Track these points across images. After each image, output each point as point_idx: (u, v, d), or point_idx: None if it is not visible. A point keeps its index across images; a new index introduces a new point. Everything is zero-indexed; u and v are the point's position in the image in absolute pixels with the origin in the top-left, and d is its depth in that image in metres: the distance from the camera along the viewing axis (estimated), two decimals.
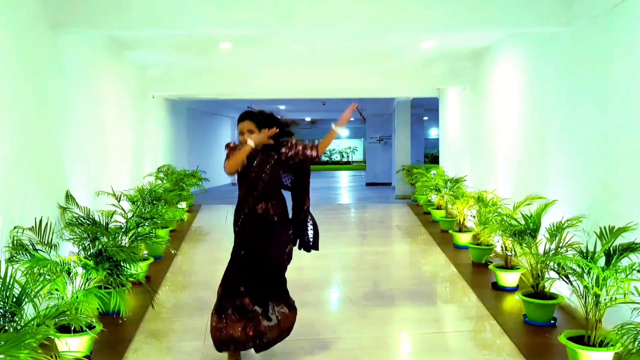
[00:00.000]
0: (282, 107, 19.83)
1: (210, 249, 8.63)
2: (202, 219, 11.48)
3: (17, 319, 3.07)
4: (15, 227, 4.15)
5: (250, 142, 3.86)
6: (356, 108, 4.46)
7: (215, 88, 10.88)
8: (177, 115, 14.25)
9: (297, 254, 4.25)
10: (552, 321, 4.84)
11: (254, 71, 10.24)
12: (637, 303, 3.38)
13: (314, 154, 4.09)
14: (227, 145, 4.09)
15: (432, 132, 28.48)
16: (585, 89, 5.03)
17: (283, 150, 4.06)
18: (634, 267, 3.60)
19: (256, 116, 4.01)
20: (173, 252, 7.47)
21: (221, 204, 14.09)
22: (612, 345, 3.22)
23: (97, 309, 3.94)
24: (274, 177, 4.05)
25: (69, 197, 5.45)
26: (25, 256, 3.94)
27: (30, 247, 4.09)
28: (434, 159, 22.62)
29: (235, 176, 4.06)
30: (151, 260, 6.50)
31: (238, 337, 3.88)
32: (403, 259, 8.25)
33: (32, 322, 2.99)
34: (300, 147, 4.07)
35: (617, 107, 4.45)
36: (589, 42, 4.99)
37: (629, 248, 3.82)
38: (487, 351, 4.41)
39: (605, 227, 4.07)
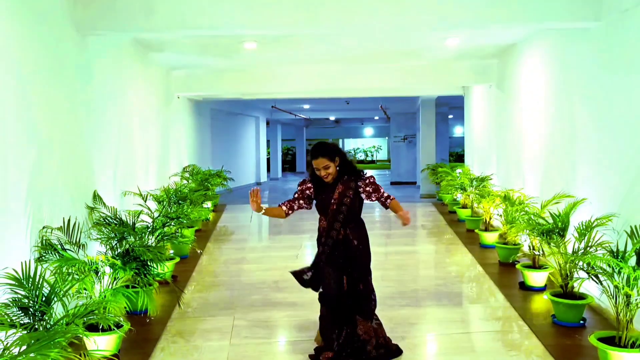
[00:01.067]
0: (306, 106, 19.86)
1: (236, 248, 8.68)
2: (227, 218, 11.56)
3: (46, 318, 3.13)
4: (44, 227, 4.22)
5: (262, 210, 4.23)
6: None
7: (239, 88, 10.95)
8: (201, 115, 14.37)
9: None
10: (581, 322, 4.75)
11: (277, 71, 10.27)
12: None
13: (387, 202, 4.20)
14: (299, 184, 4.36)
15: (457, 131, 28.22)
16: (617, 84, 4.93)
17: (363, 187, 4.15)
18: None
19: (329, 151, 4.09)
20: (199, 251, 7.53)
21: (246, 204, 14.16)
22: None
23: (125, 308, 3.99)
24: (354, 206, 4.15)
25: (96, 197, 5.53)
26: (54, 256, 4.00)
27: (59, 246, 4.16)
28: (458, 158, 22.43)
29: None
30: (177, 259, 6.56)
31: None
32: (428, 258, 8.19)
33: (62, 321, 3.03)
34: (382, 192, 4.18)
35: None
36: (620, 36, 4.88)
37: None
38: (516, 352, 4.34)
39: (636, 226, 3.98)
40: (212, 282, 6.58)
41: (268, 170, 24.27)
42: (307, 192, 4.26)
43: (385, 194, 4.18)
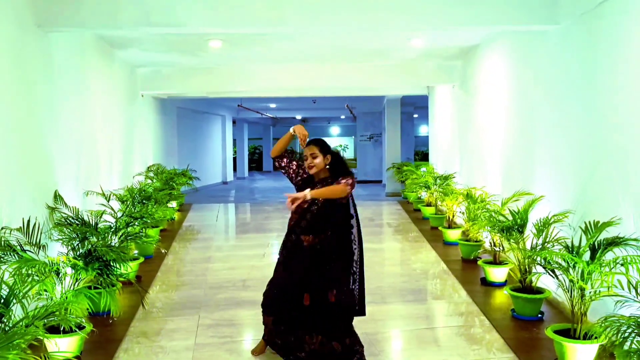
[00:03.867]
0: (272, 105, 19.83)
1: (202, 248, 8.63)
2: (193, 218, 11.47)
3: (5, 320, 3.07)
4: (2, 228, 4.14)
5: (292, 131, 4.03)
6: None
7: (205, 86, 10.87)
8: (166, 114, 14.22)
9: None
10: (539, 315, 4.90)
11: (244, 69, 10.25)
12: (621, 296, 3.43)
13: (340, 181, 3.87)
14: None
15: (422, 130, 28.56)
16: (572, 86, 5.08)
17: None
18: (617, 261, 3.64)
19: (322, 144, 4.04)
20: (163, 251, 7.47)
21: (212, 203, 14.08)
22: (596, 337, 3.27)
23: (87, 309, 3.94)
24: (323, 212, 3.95)
25: (57, 197, 5.44)
26: (13, 257, 3.92)
27: (19, 247, 4.08)
28: (424, 157, 22.70)
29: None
30: (142, 259, 6.50)
31: None
32: (394, 256, 8.29)
33: (21, 323, 2.98)
34: (344, 180, 3.87)
35: (603, 105, 4.50)
36: (575, 40, 5.04)
37: (613, 242, 3.88)
38: (477, 346, 4.45)
39: (590, 222, 4.12)
40: (177, 282, 6.54)
41: (234, 169, 24.14)
42: (299, 175, 4.14)
43: (344, 180, 3.83)
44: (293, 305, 3.92)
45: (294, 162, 4.18)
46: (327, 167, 4.03)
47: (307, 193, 3.65)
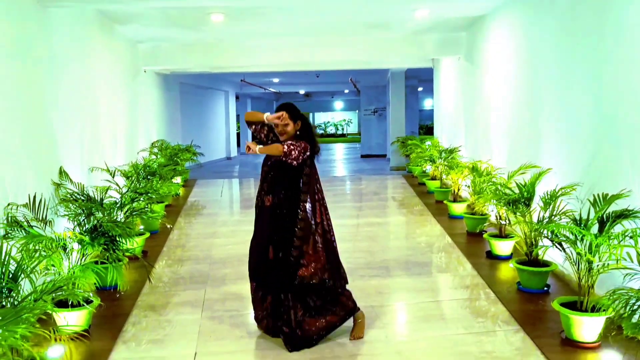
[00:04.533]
0: (275, 80, 19.69)
1: (206, 223, 8.65)
2: (197, 193, 11.48)
3: (14, 295, 3.09)
4: (9, 204, 4.14)
5: (265, 119, 4.06)
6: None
7: (208, 61, 10.77)
8: (170, 89, 14.14)
9: None
10: (545, 288, 4.90)
11: (246, 44, 10.15)
12: (629, 269, 3.42)
13: (282, 146, 3.92)
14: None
15: (427, 104, 28.40)
16: (581, 55, 5.00)
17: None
18: (626, 234, 3.62)
19: (292, 109, 4.05)
20: (169, 226, 7.49)
21: (216, 178, 14.09)
22: (604, 310, 3.26)
23: (95, 284, 3.96)
24: (282, 171, 4.03)
25: (62, 173, 5.43)
26: (21, 233, 3.94)
27: (25, 223, 4.09)
28: (428, 131, 22.62)
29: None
30: (147, 235, 6.52)
31: None
32: (398, 230, 8.30)
33: (29, 298, 3.00)
34: (291, 146, 3.94)
35: (612, 74, 4.43)
36: (585, 7, 4.94)
37: (622, 215, 3.85)
38: (482, 318, 4.46)
39: (598, 195, 4.09)
40: (183, 257, 6.56)
41: (238, 144, 24.10)
42: (268, 134, 4.16)
43: (286, 146, 3.87)
44: (261, 260, 4.02)
45: (265, 127, 4.17)
46: (297, 132, 4.05)
47: (257, 148, 3.86)
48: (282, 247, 3.94)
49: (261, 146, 3.91)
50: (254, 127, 4.19)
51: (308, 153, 3.98)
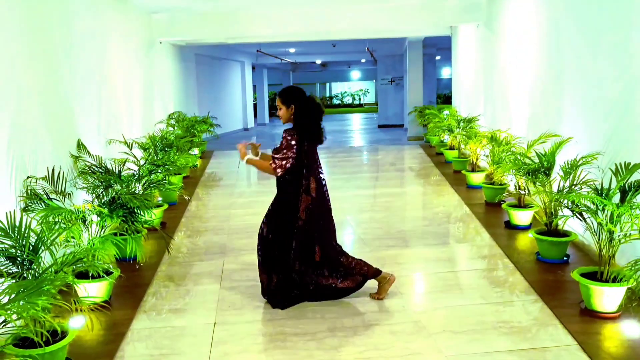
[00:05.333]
0: (292, 50, 19.53)
1: (224, 194, 8.69)
2: (214, 164, 11.53)
3: (35, 267, 3.13)
4: (28, 177, 4.18)
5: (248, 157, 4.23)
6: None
7: (223, 32, 10.69)
8: (185, 61, 14.08)
9: None
10: (565, 258, 4.86)
11: (261, 14, 10.02)
12: None
13: (271, 163, 4.14)
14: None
15: (445, 72, 28.00)
16: (607, 22, 4.85)
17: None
18: None
19: (286, 94, 4.16)
20: (187, 198, 7.53)
21: (233, 150, 14.11)
22: (625, 280, 3.22)
23: (115, 255, 4.01)
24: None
25: (80, 146, 5.46)
26: (40, 205, 3.98)
27: (45, 196, 4.13)
28: (446, 100, 22.34)
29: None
30: (165, 206, 6.56)
31: None
32: (416, 200, 8.26)
33: (50, 270, 3.04)
34: (278, 155, 4.15)
35: (636, 42, 4.29)
36: None
37: None
38: (500, 288, 4.45)
39: (620, 164, 4.01)
40: (201, 228, 6.61)
41: (255, 115, 24.07)
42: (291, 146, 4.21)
43: (276, 159, 4.07)
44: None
45: (290, 151, 4.10)
46: (292, 117, 4.15)
47: (247, 158, 4.18)
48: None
49: (251, 157, 4.18)
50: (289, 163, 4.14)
51: (292, 156, 4.03)
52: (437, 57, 21.76)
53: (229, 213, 7.26)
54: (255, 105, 24.50)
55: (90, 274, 3.91)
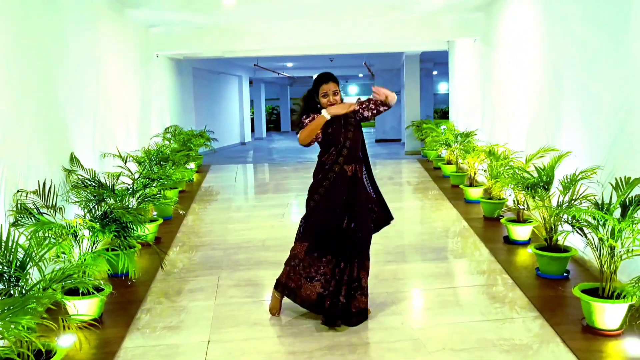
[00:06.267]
0: (289, 64, 19.54)
1: (221, 208, 8.61)
2: (211, 179, 11.45)
3: (22, 284, 3.05)
4: (18, 191, 4.10)
5: (325, 114, 3.91)
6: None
7: (221, 46, 10.68)
8: (182, 74, 14.08)
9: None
10: (565, 274, 4.78)
11: (258, 27, 10.02)
12: None
13: (386, 106, 4.02)
14: (305, 117, 4.05)
15: (441, 87, 28.07)
16: (604, 35, 4.82)
17: (362, 108, 4.02)
18: None
19: (337, 79, 4.03)
20: (182, 212, 7.45)
21: (230, 164, 14.06)
22: (630, 296, 3.15)
23: (108, 271, 3.93)
24: (357, 139, 4.03)
25: (73, 159, 5.39)
26: (30, 220, 3.90)
27: (35, 210, 4.05)
28: (443, 115, 22.36)
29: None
30: (160, 221, 6.48)
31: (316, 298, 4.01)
32: (414, 214, 8.19)
33: (38, 286, 2.95)
34: (371, 104, 4.00)
35: (636, 54, 4.26)
36: None
37: None
38: (500, 305, 4.36)
39: (620, 178, 3.95)
40: (197, 243, 6.53)
41: (252, 130, 24.05)
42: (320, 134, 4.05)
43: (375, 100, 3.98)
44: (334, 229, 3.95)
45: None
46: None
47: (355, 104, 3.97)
48: (358, 218, 3.98)
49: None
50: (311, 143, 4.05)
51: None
52: (434, 72, 21.79)
53: (226, 228, 7.18)
54: (252, 120, 24.49)
55: (80, 291, 3.81)
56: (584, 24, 5.24)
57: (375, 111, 4.02)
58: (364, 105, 4.01)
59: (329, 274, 3.96)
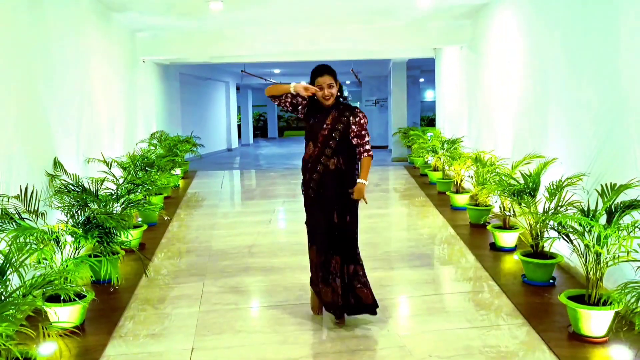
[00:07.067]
0: (276, 70, 19.52)
1: (207, 214, 8.54)
2: (197, 185, 11.37)
3: (1, 290, 2.97)
4: None
5: (291, 88, 3.97)
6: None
7: (207, 51, 10.63)
8: (169, 80, 14.00)
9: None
10: (551, 281, 4.79)
11: (245, 33, 9.99)
12: None
13: (362, 156, 4.04)
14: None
15: (428, 95, 28.18)
16: (591, 43, 4.85)
17: (353, 122, 4.01)
18: (636, 225, 3.51)
19: (334, 72, 4.02)
20: (167, 218, 7.38)
21: (217, 170, 13.98)
22: (616, 303, 3.15)
23: (90, 277, 3.85)
24: (344, 137, 4.02)
25: (57, 164, 5.31)
26: (11, 225, 3.82)
27: (16, 216, 3.97)
28: (430, 122, 22.44)
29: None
30: (145, 227, 6.40)
31: (331, 301, 4.03)
32: (400, 221, 8.19)
33: (17, 293, 2.88)
34: (365, 141, 4.03)
35: (622, 62, 4.29)
36: None
37: (631, 205, 3.72)
38: (486, 312, 4.35)
39: (606, 185, 3.96)
40: (181, 249, 6.46)
41: (239, 136, 23.97)
42: (299, 103, 4.09)
43: (367, 146, 4.02)
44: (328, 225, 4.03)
45: (289, 96, 4.09)
46: (338, 94, 4.05)
47: (362, 185, 3.98)
48: (345, 211, 4.01)
49: (362, 181, 3.99)
50: (277, 100, 4.11)
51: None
52: (421, 80, 21.92)
53: (211, 234, 7.11)
54: (239, 126, 24.42)
55: (61, 298, 3.74)
56: (570, 32, 5.27)
57: (354, 143, 4.03)
58: (357, 133, 4.01)
59: (338, 272, 4.02)
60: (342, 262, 4.04)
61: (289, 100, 4.09)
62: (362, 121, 4.01)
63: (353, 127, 4.00)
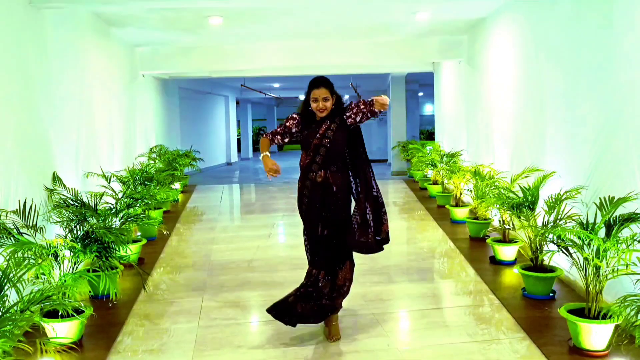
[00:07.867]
0: (276, 85, 19.59)
1: (206, 229, 8.53)
2: (196, 199, 11.37)
3: None
4: None
5: (262, 156, 3.95)
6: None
7: (206, 66, 10.68)
8: (169, 94, 14.05)
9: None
10: (551, 294, 4.77)
11: (245, 48, 10.05)
12: (639, 274, 3.29)
13: (372, 103, 3.85)
14: (286, 119, 4.12)
15: (427, 109, 28.28)
16: (586, 57, 4.89)
17: (348, 114, 3.94)
18: (635, 238, 3.51)
19: (331, 85, 3.98)
20: (166, 232, 7.36)
21: (216, 184, 13.98)
22: (616, 316, 3.13)
23: (88, 292, 3.84)
24: (337, 141, 3.95)
25: (56, 178, 5.32)
26: (9, 240, 3.82)
27: (15, 230, 3.96)
28: (429, 136, 22.50)
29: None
30: (144, 241, 6.39)
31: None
32: (400, 235, 8.17)
33: (15, 308, 2.87)
34: (362, 107, 3.88)
35: (618, 75, 4.31)
36: (589, 8, 4.83)
37: (630, 218, 3.72)
38: (486, 325, 4.33)
39: (605, 198, 3.97)
40: (180, 264, 6.44)
41: (239, 150, 24.00)
42: (293, 128, 4.05)
43: (368, 100, 3.88)
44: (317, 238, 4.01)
45: (276, 135, 4.08)
46: (333, 107, 4.00)
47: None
48: (330, 225, 3.96)
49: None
50: (276, 143, 4.11)
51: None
52: (420, 93, 21.99)
53: (210, 249, 7.10)
54: (239, 140, 24.46)
55: (60, 313, 3.72)
56: (566, 47, 5.31)
57: (369, 113, 3.91)
58: (355, 110, 3.91)
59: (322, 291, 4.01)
60: (327, 274, 4.01)
61: (279, 137, 4.05)
62: (351, 105, 3.94)
63: (352, 111, 3.91)
